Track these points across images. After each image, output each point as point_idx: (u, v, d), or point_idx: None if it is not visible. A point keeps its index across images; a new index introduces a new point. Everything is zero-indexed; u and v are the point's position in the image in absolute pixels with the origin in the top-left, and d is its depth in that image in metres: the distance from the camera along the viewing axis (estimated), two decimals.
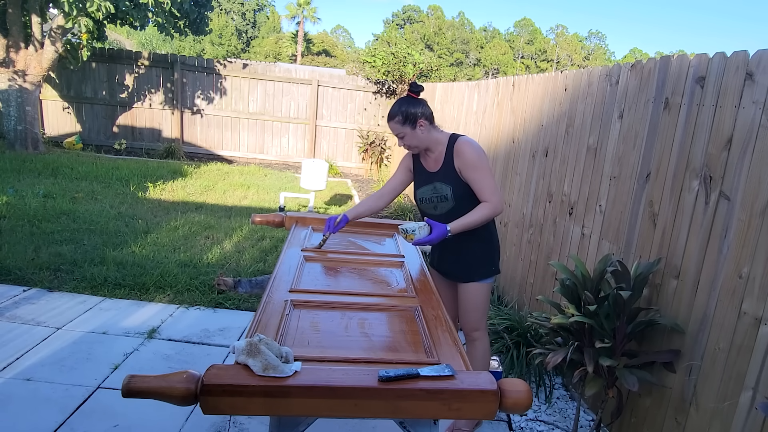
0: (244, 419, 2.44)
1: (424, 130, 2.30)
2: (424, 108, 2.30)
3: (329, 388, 1.23)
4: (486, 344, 2.48)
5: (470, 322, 2.44)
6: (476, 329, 2.44)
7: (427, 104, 2.33)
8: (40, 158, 7.98)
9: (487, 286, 2.42)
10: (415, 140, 2.31)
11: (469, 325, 2.45)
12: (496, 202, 2.23)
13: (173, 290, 3.81)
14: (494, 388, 1.28)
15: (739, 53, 1.94)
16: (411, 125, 2.28)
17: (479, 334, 2.45)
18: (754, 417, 1.77)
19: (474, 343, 2.46)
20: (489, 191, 2.24)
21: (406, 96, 2.32)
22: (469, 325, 2.45)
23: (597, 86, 2.95)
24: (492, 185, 2.25)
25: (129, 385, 1.22)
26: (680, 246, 2.17)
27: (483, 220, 2.25)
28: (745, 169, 1.87)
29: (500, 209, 2.25)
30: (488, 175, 2.26)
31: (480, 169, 2.24)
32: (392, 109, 2.29)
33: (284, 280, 1.95)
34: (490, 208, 2.24)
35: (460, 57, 51.53)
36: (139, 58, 10.01)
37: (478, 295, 2.40)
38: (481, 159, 2.25)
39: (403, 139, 2.32)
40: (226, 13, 45.11)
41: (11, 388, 2.51)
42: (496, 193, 2.25)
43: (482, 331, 2.46)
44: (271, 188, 7.85)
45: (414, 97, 2.31)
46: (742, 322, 1.84)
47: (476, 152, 2.26)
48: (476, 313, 2.42)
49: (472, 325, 2.44)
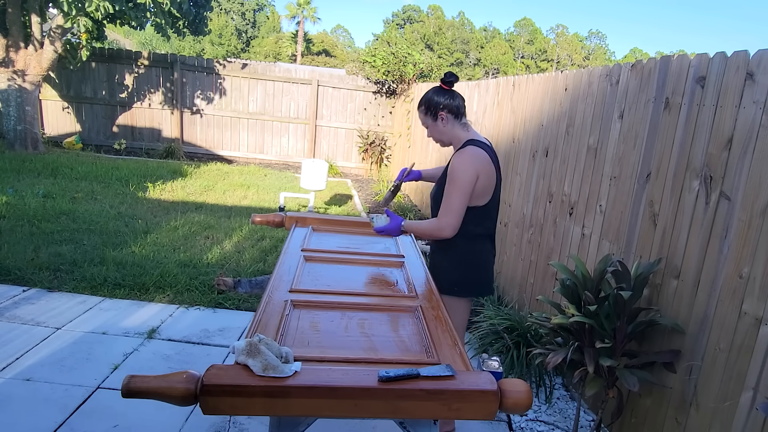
0: (244, 419, 2.44)
1: (446, 124, 2.19)
2: (449, 100, 2.18)
3: (329, 389, 1.23)
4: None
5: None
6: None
7: (455, 97, 2.20)
8: (39, 158, 7.98)
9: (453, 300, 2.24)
10: (437, 133, 2.23)
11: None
12: (443, 223, 2.09)
13: (173, 290, 3.81)
14: (494, 388, 1.28)
15: (739, 53, 1.93)
16: (432, 116, 2.20)
17: None
18: (755, 417, 1.77)
19: None
20: (445, 208, 2.10)
21: (438, 86, 2.22)
22: None
23: (597, 86, 2.95)
24: (453, 205, 2.08)
25: (129, 385, 1.21)
26: (681, 246, 2.17)
27: (426, 233, 2.18)
28: (745, 169, 1.87)
29: (445, 233, 2.09)
30: (457, 194, 2.07)
31: (452, 183, 2.09)
32: (420, 98, 2.24)
33: (284, 280, 1.95)
34: (435, 225, 2.12)
35: (460, 57, 51.53)
36: (138, 58, 10.01)
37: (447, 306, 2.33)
38: (461, 175, 2.08)
39: (427, 129, 2.25)
40: (226, 13, 45.11)
41: (11, 389, 2.51)
42: (449, 215, 2.08)
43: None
44: (271, 188, 7.85)
45: (444, 87, 2.19)
46: (742, 322, 1.84)
47: (461, 166, 2.09)
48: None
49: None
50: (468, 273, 2.26)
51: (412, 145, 8.55)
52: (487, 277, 2.32)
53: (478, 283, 2.29)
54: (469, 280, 2.27)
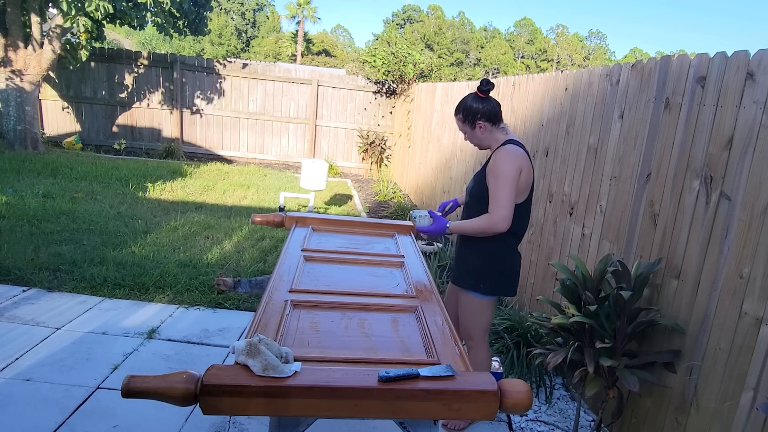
0: (243, 419, 2.43)
1: (484, 132, 2.27)
2: (486, 107, 2.23)
3: (329, 389, 1.23)
4: (478, 356, 2.44)
5: (462, 329, 2.46)
6: (469, 338, 2.45)
7: (491, 103, 2.26)
8: (39, 158, 7.97)
9: (480, 301, 2.35)
10: (476, 139, 2.31)
11: (462, 331, 2.47)
12: (496, 218, 2.14)
13: (173, 290, 3.81)
14: (494, 388, 1.28)
15: (739, 53, 1.93)
16: (470, 125, 2.27)
17: (472, 344, 2.45)
18: (755, 417, 1.77)
19: (469, 352, 2.47)
20: (496, 204, 2.15)
21: (473, 93, 2.27)
22: (461, 331, 2.47)
23: (597, 86, 2.95)
24: (503, 200, 2.13)
25: (129, 385, 1.21)
26: (681, 246, 2.17)
27: (478, 230, 2.21)
28: (745, 169, 1.86)
29: (498, 226, 2.15)
30: (504, 188, 2.13)
31: (498, 179, 2.14)
32: (457, 106, 2.30)
33: (284, 280, 1.95)
34: (488, 221, 2.17)
35: (461, 57, 51.53)
36: (138, 58, 10.00)
37: (468, 304, 2.39)
38: (506, 169, 2.14)
39: (465, 135, 2.34)
40: (226, 13, 45.11)
41: (11, 389, 2.50)
42: (501, 210, 2.13)
43: (476, 341, 2.43)
44: (271, 188, 7.85)
45: (480, 95, 2.25)
46: (742, 322, 1.84)
47: (505, 161, 2.15)
48: (466, 322, 2.43)
49: (463, 332, 2.46)
50: (498, 271, 2.32)
51: (412, 145, 8.55)
52: (515, 278, 2.37)
53: (507, 284, 2.35)
54: (497, 279, 2.32)
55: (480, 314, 2.38)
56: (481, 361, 2.44)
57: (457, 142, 5.81)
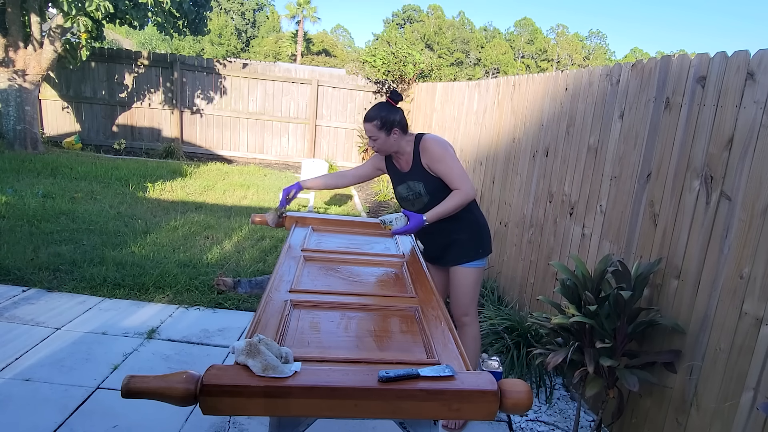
0: (243, 420, 2.43)
1: (396, 138, 2.44)
2: (401, 117, 2.44)
3: (329, 389, 1.23)
4: (476, 330, 2.57)
5: (460, 307, 2.53)
6: (465, 314, 2.53)
7: (403, 113, 2.46)
8: (39, 158, 7.97)
9: (476, 270, 2.50)
10: (386, 145, 2.46)
11: (459, 309, 2.54)
12: (467, 188, 2.34)
13: (173, 290, 3.81)
14: (494, 388, 1.28)
15: (740, 53, 1.93)
16: (386, 132, 2.42)
17: (469, 320, 2.54)
18: (755, 417, 1.77)
19: (464, 329, 2.54)
20: (458, 180, 2.36)
21: (386, 102, 2.44)
22: (458, 310, 2.54)
23: (597, 86, 2.95)
24: (460, 173, 2.36)
25: (128, 385, 1.21)
26: (681, 246, 2.17)
27: (456, 207, 2.36)
28: (746, 169, 1.86)
29: (471, 195, 2.36)
30: (455, 164, 2.37)
31: (445, 161, 2.37)
32: (371, 113, 2.42)
33: (284, 280, 1.95)
34: (462, 195, 2.34)
35: (461, 57, 51.53)
36: (138, 58, 10.00)
37: (467, 278, 2.49)
38: (445, 151, 2.39)
39: (375, 142, 2.45)
40: (226, 13, 45.10)
41: (10, 389, 2.50)
42: (466, 181, 2.36)
43: (472, 316, 2.54)
44: (271, 188, 7.85)
45: (392, 104, 2.44)
46: (743, 322, 1.84)
47: (439, 146, 2.40)
48: (465, 298, 2.51)
49: (461, 310, 2.53)
50: (484, 234, 2.54)
51: None
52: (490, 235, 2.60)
53: (489, 241, 2.57)
54: (486, 241, 2.54)
55: (477, 284, 2.54)
56: (477, 335, 2.58)
57: (457, 142, 5.81)
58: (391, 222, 2.37)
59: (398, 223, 2.38)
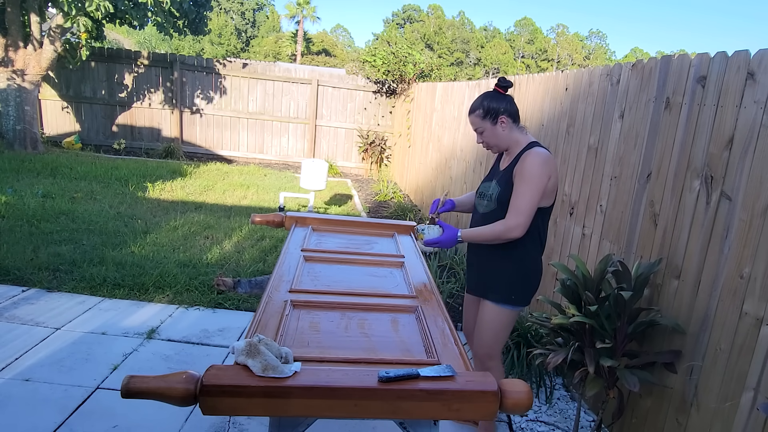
0: (243, 420, 2.43)
1: (505, 128, 2.15)
2: (508, 104, 2.15)
3: (329, 389, 1.23)
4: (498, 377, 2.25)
5: (482, 345, 2.26)
6: (489, 356, 2.25)
7: (512, 101, 2.18)
8: (38, 158, 7.97)
9: (505, 312, 2.20)
10: (495, 138, 2.17)
11: (482, 348, 2.26)
12: (513, 224, 2.03)
13: (173, 290, 3.80)
14: (494, 388, 1.28)
15: (740, 53, 1.93)
16: (492, 121, 2.14)
17: (494, 364, 2.26)
18: (756, 417, 1.76)
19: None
20: (515, 208, 2.05)
21: (492, 90, 2.18)
22: (481, 349, 2.26)
23: (598, 86, 2.94)
24: (524, 205, 2.03)
25: (128, 385, 1.21)
26: (681, 246, 2.17)
27: (492, 236, 2.10)
28: (746, 169, 1.86)
29: (514, 234, 2.05)
30: (531, 194, 2.03)
31: (527, 183, 2.04)
32: (474, 103, 2.18)
33: (284, 280, 1.94)
34: (504, 226, 2.06)
35: (461, 56, 51.52)
36: (138, 58, 10.00)
37: (492, 316, 2.21)
38: (535, 175, 2.03)
39: (482, 135, 2.19)
40: (226, 13, 45.10)
41: (10, 389, 2.50)
42: (520, 217, 2.03)
43: (497, 360, 2.27)
44: (271, 188, 7.84)
45: (500, 92, 2.17)
46: (743, 322, 1.84)
47: (536, 166, 2.04)
48: (487, 335, 2.23)
49: (484, 349, 2.25)
50: (531, 281, 2.21)
51: (412, 145, 8.54)
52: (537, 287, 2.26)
53: (532, 294, 2.23)
54: (528, 290, 2.21)
55: (508, 328, 2.24)
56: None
57: (457, 142, 5.81)
58: (424, 230, 2.22)
59: (430, 233, 2.20)
